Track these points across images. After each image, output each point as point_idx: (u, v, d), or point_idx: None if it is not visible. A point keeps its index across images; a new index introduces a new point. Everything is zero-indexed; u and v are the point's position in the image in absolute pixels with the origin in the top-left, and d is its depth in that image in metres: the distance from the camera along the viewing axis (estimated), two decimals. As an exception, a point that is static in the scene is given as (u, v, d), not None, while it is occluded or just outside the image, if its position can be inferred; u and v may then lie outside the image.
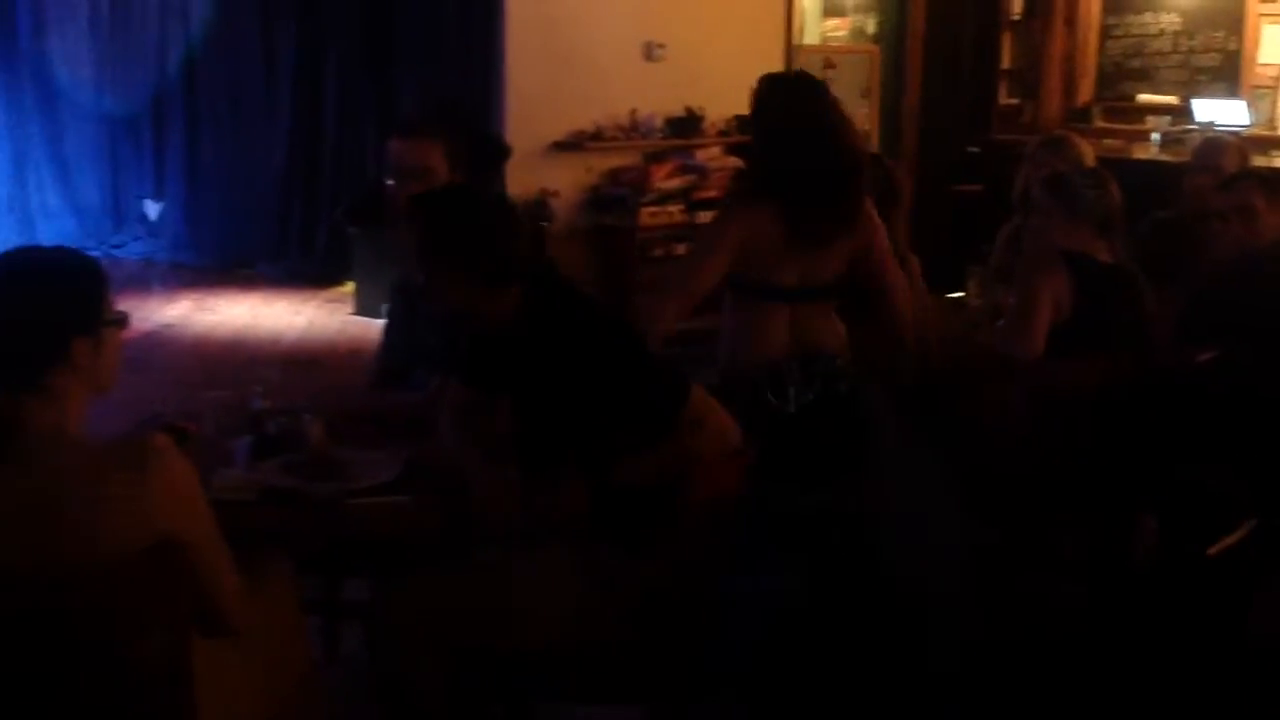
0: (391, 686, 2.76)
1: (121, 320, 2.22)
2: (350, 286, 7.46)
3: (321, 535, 2.74)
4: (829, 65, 8.53)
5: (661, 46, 7.45)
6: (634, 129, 7.40)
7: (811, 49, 8.50)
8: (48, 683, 2.13)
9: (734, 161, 7.58)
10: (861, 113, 8.74)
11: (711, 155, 7.56)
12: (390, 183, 3.40)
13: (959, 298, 4.54)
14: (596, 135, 7.26)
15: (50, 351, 2.09)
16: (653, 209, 7.10)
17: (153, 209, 8.91)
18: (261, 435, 2.87)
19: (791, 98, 3.68)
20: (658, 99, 7.44)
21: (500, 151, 6.52)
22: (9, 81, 8.38)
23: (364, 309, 6.98)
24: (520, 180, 6.77)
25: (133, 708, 2.15)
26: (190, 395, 4.51)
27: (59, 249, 2.22)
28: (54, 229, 8.53)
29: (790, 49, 8.29)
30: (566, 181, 7.19)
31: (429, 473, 2.80)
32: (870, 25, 9.00)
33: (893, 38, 8.96)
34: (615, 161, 7.35)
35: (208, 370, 5.64)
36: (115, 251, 8.48)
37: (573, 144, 7.17)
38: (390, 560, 2.90)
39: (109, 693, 2.14)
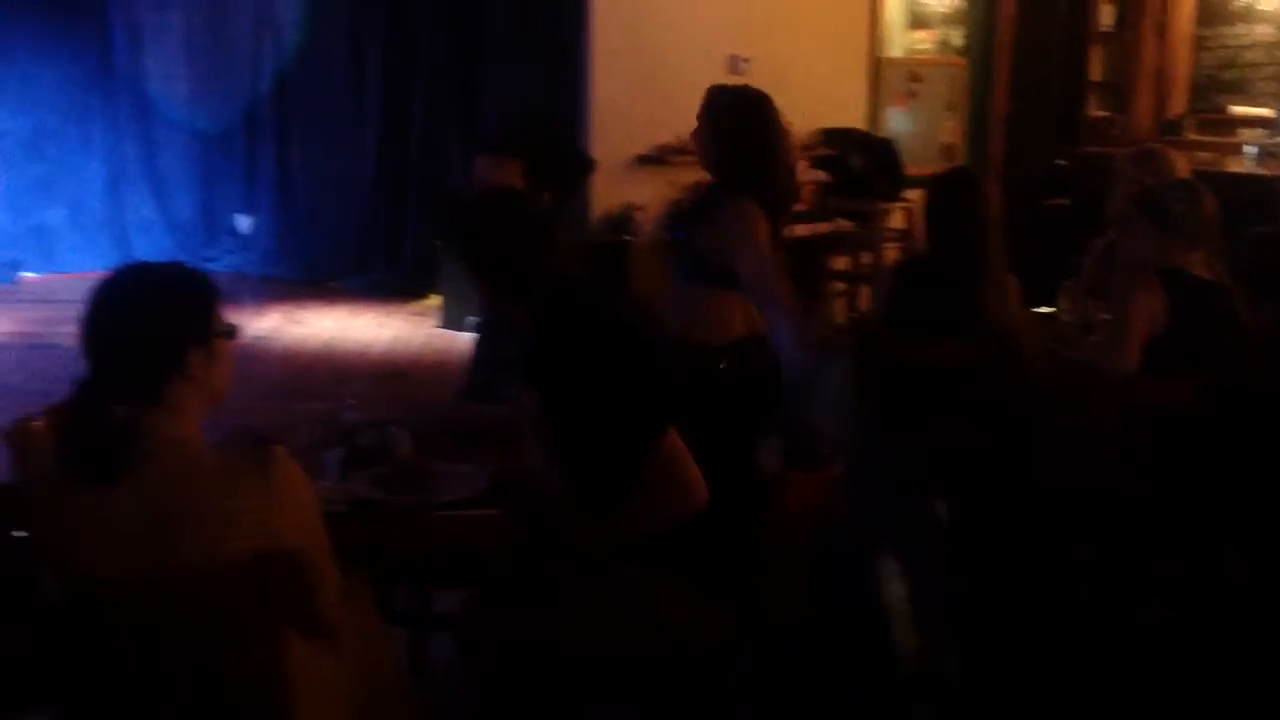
0: (482, 699, 2.78)
1: (232, 331, 2.27)
2: (436, 299, 7.54)
3: (409, 547, 2.78)
4: (915, 78, 8.48)
5: (746, 60, 7.45)
6: (718, 143, 7.39)
7: (896, 62, 8.46)
8: (153, 685, 2.18)
9: (818, 175, 7.55)
10: (948, 126, 8.67)
11: (797, 169, 7.53)
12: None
13: (1049, 312, 4.48)
14: (681, 149, 7.26)
15: (169, 364, 2.15)
16: (736, 222, 7.08)
17: (244, 223, 9.07)
18: (352, 447, 2.91)
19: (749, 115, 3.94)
20: (743, 112, 7.43)
21: (584, 165, 6.54)
22: (106, 99, 8.58)
23: (449, 322, 7.05)
24: (606, 194, 6.79)
25: (230, 712, 2.20)
26: (281, 407, 4.58)
27: (170, 264, 2.28)
28: (149, 243, 8.71)
29: (875, 62, 8.26)
30: (651, 195, 7.19)
31: (514, 486, 2.82)
32: (956, 37, 8.92)
33: (980, 50, 8.88)
34: (699, 175, 7.32)
35: (296, 382, 5.71)
36: (208, 265, 8.63)
37: (656, 158, 7.18)
38: (478, 573, 2.93)
39: (208, 696, 2.18)
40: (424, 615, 3.48)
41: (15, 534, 2.41)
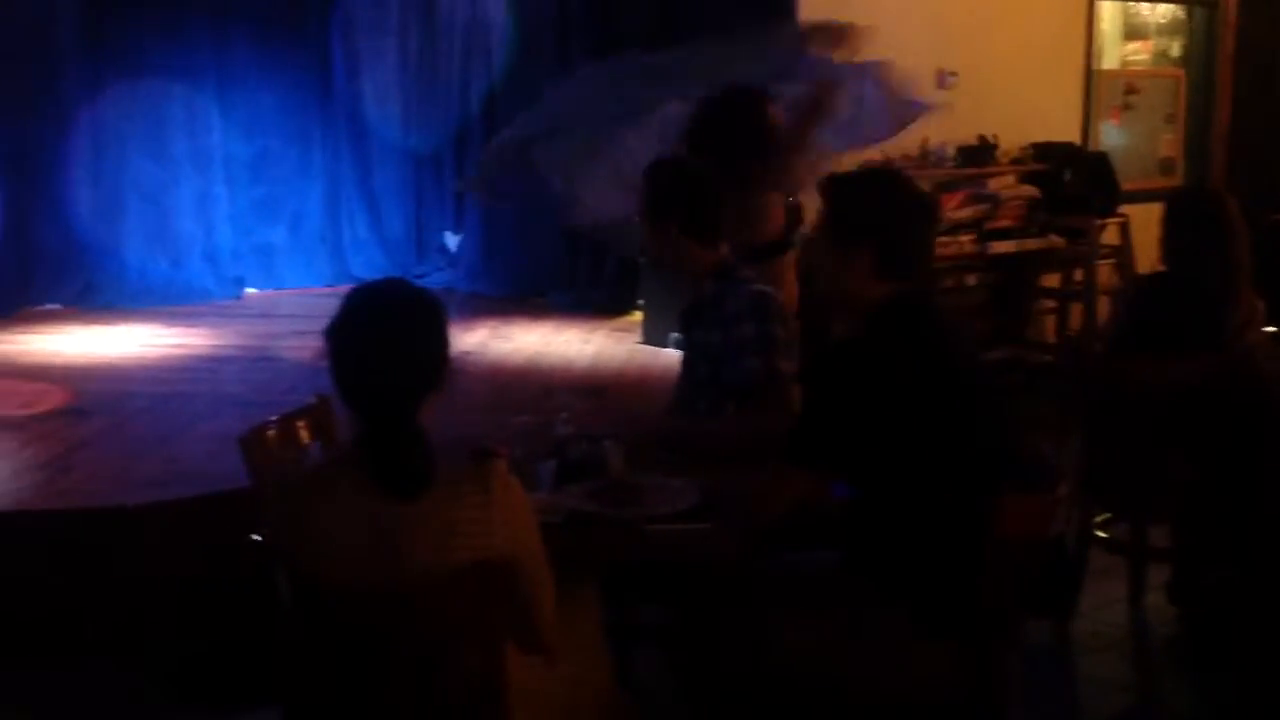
0: (691, 713, 2.78)
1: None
2: (638, 316, 7.60)
3: (622, 560, 2.80)
4: (1130, 90, 8.21)
5: (954, 74, 7.32)
6: (924, 158, 7.28)
7: (1111, 74, 8.20)
8: (375, 689, 2.24)
9: (1029, 190, 7.36)
10: (1165, 139, 8.37)
11: (1005, 184, 7.37)
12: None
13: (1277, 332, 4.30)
14: (886, 165, 7.18)
15: (434, 378, 2.23)
16: (944, 239, 6.95)
17: (452, 240, 9.31)
18: (565, 460, 2.95)
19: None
20: (949, 127, 7.29)
21: (790, 182, 6.51)
22: (326, 123, 8.92)
23: (651, 338, 7.09)
24: (811, 212, 6.73)
25: (448, 718, 2.25)
26: (489, 420, 4.66)
27: (404, 281, 2.37)
28: (363, 260, 9.01)
29: (1089, 74, 8.02)
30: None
31: (726, 501, 2.82)
32: (1175, 48, 8.60)
33: (1200, 60, 8.54)
34: (901, 191, 7.24)
35: (503, 396, 5.82)
36: (418, 281, 8.86)
37: (864, 174, 7.10)
38: (689, 587, 2.93)
39: (428, 702, 2.24)
40: (630, 629, 3.50)
41: (252, 537, 2.53)
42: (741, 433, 3.20)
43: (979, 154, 7.38)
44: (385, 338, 2.21)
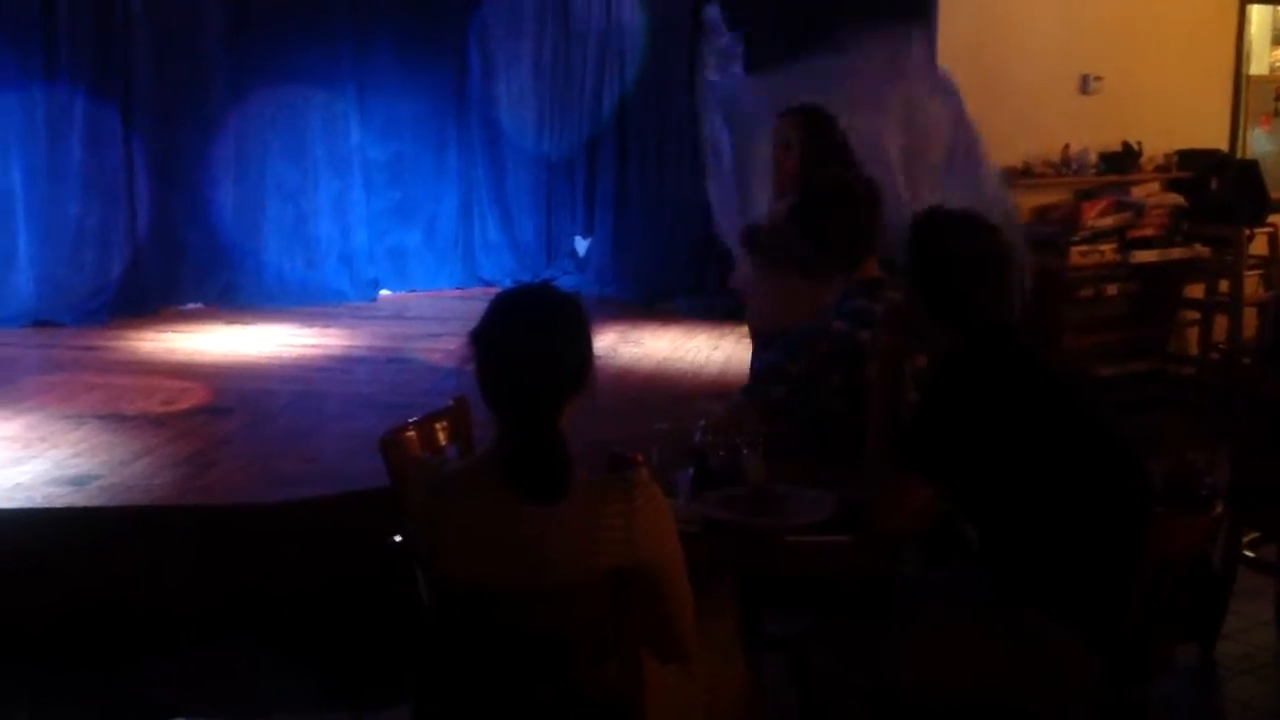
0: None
1: None
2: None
3: (759, 569, 2.77)
4: (1282, 97, 7.94)
5: (1098, 79, 7.14)
6: (1065, 164, 7.11)
7: (1263, 79, 7.92)
8: (511, 691, 2.24)
9: (1173, 199, 7.15)
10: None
11: (1149, 192, 7.16)
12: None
13: None
14: (1025, 171, 7.03)
15: (577, 383, 2.23)
16: (1083, 248, 6.78)
17: (582, 245, 9.35)
18: (703, 467, 2.93)
19: None
20: (1092, 133, 7.13)
21: (924, 189, 6.42)
22: (461, 128, 9.02)
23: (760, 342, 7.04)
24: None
25: (585, 722, 2.24)
26: (619, 425, 4.65)
27: (550, 286, 2.38)
28: (493, 264, 9.10)
29: (1239, 80, 7.76)
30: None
31: (862, 512, 2.77)
32: (1329, 52, 8.28)
33: (1359, 63, 8.21)
34: (1043, 199, 7.09)
35: (633, 402, 5.81)
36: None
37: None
38: (824, 598, 2.89)
39: (565, 706, 2.23)
40: (764, 638, 3.47)
41: (393, 538, 2.54)
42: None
43: (1122, 161, 7.19)
44: (532, 341, 2.21)
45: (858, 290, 3.36)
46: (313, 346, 7.10)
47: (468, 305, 7.79)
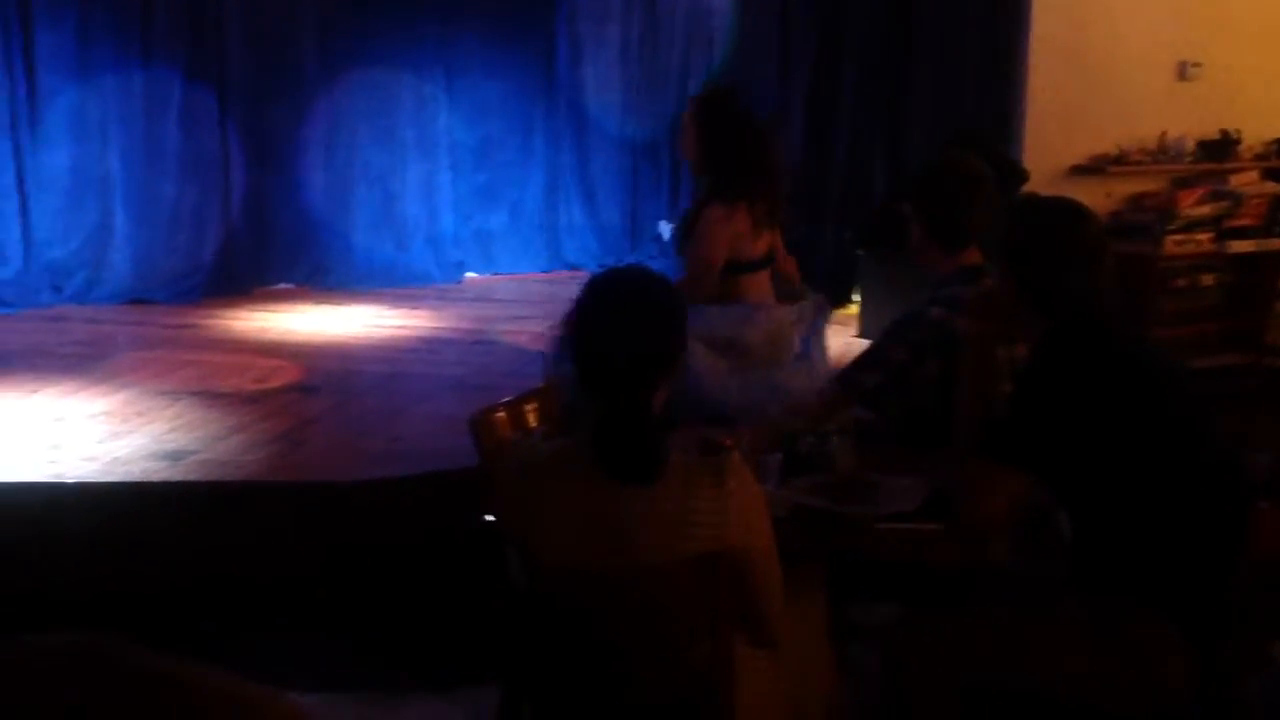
0: (904, 714, 2.72)
1: None
2: (854, 308, 7.50)
3: (848, 556, 2.76)
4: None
5: (1197, 65, 7.00)
6: (1161, 152, 6.99)
7: (1368, 65, 7.70)
8: (603, 672, 2.26)
9: (1272, 188, 6.99)
10: None
11: (1247, 180, 7.00)
12: (905, 207, 3.50)
13: None
14: (1119, 159, 6.92)
15: (670, 365, 2.25)
16: (1178, 237, 6.66)
17: (666, 229, 9.34)
18: (792, 453, 2.92)
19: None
20: (1189, 120, 6.99)
21: (1016, 176, 6.34)
22: (548, 111, 9.04)
23: (869, 331, 6.98)
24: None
25: (675, 704, 2.24)
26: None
27: (645, 268, 2.38)
28: (578, 246, 9.12)
29: (1344, 66, 7.56)
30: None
31: (953, 501, 2.75)
32: None
33: None
34: (1138, 186, 6.97)
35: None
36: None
37: (1093, 168, 6.87)
38: (913, 587, 2.87)
39: (655, 688, 2.24)
40: (843, 625, 3.46)
41: (485, 518, 2.57)
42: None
43: (1220, 149, 7.05)
44: (627, 323, 2.22)
45: (957, 276, 3.32)
46: (400, 327, 7.18)
47: (552, 288, 7.83)
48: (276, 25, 7.90)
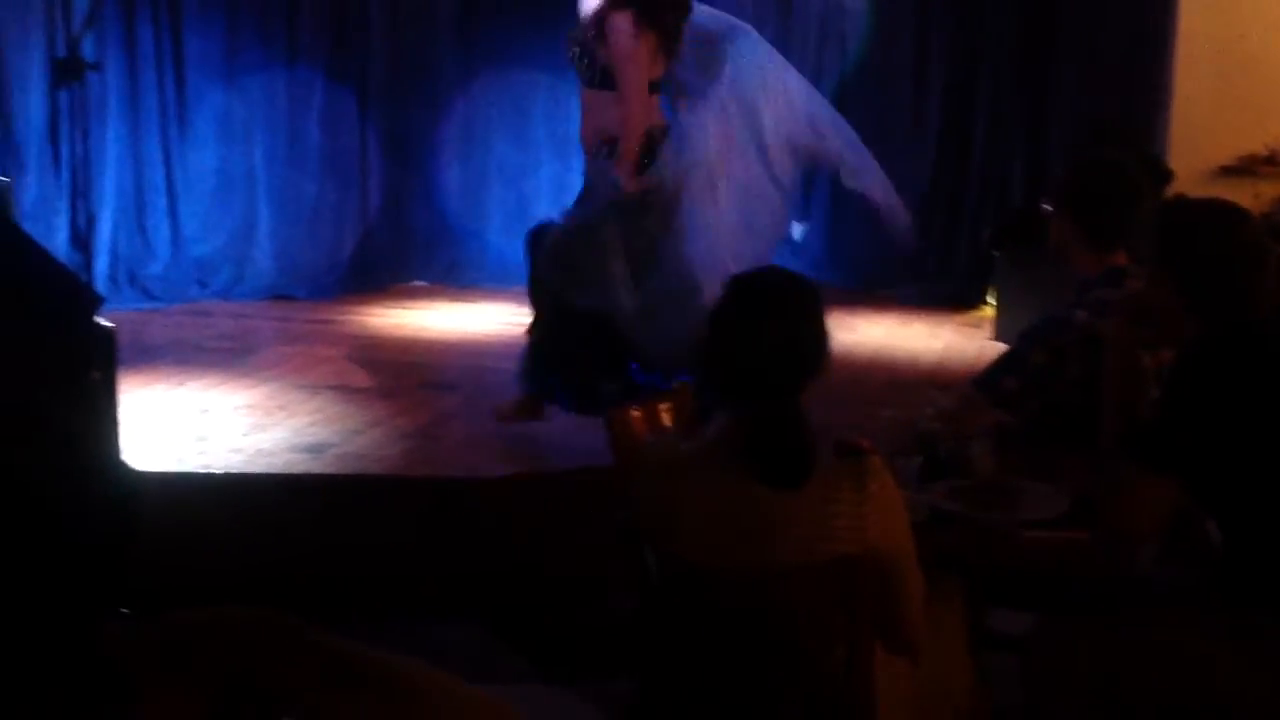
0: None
1: None
2: (989, 311, 7.37)
3: (988, 563, 2.71)
4: None
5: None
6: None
7: None
8: (738, 672, 2.26)
9: None
10: None
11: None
12: (1046, 207, 3.44)
13: None
14: (1270, 159, 6.70)
15: (816, 365, 2.24)
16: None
17: (797, 230, 9.27)
18: (931, 457, 2.88)
19: None
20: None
21: (1161, 177, 6.18)
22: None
23: (1003, 334, 6.86)
24: (1182, 207, 6.35)
25: (813, 708, 2.23)
26: (837, 412, 4.61)
27: (783, 269, 2.38)
28: (710, 246, 9.12)
29: None
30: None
31: (1098, 508, 2.69)
32: None
33: None
34: (1283, 192, 6.75)
35: (851, 389, 5.75)
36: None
37: (1242, 169, 6.66)
38: (1052, 596, 2.82)
39: (792, 690, 2.23)
40: (982, 633, 3.40)
41: (621, 515, 2.58)
42: None
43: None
44: (774, 324, 2.21)
45: (1103, 279, 3.24)
46: (521, 322, 7.24)
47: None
48: (416, 25, 8.03)
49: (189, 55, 7.47)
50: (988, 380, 3.34)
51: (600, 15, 4.74)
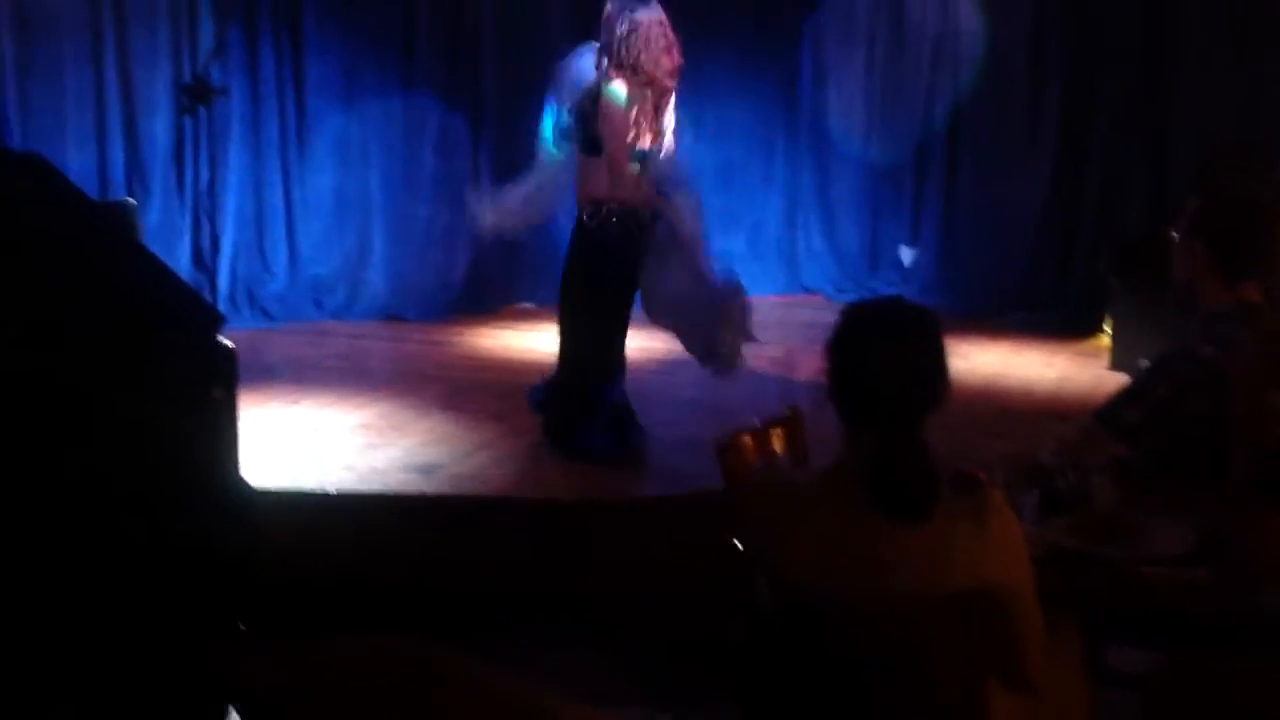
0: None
1: None
2: (1105, 339, 7.23)
3: (1109, 601, 2.65)
4: None
5: None
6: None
7: None
8: (847, 702, 2.23)
9: None
10: None
11: None
12: (1173, 234, 3.35)
13: None
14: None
15: (937, 396, 2.22)
16: None
17: (907, 255, 9.19)
18: (1050, 491, 2.83)
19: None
20: None
21: (1283, 201, 6.01)
22: (789, 135, 9.03)
23: (1119, 364, 6.72)
24: None
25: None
26: (949, 441, 4.54)
27: (904, 298, 2.35)
28: (816, 271, 9.07)
29: None
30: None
31: (1224, 545, 2.62)
32: None
33: None
34: None
35: (963, 418, 5.65)
36: (870, 294, 8.81)
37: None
38: (1174, 633, 2.74)
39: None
40: (1102, 671, 3.32)
41: (731, 541, 2.57)
42: None
43: None
44: (896, 355, 2.19)
45: (1233, 312, 3.16)
46: (637, 350, 7.20)
47: (790, 312, 7.80)
48: (528, 53, 8.11)
49: (309, 80, 7.64)
50: (1109, 413, 3.26)
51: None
